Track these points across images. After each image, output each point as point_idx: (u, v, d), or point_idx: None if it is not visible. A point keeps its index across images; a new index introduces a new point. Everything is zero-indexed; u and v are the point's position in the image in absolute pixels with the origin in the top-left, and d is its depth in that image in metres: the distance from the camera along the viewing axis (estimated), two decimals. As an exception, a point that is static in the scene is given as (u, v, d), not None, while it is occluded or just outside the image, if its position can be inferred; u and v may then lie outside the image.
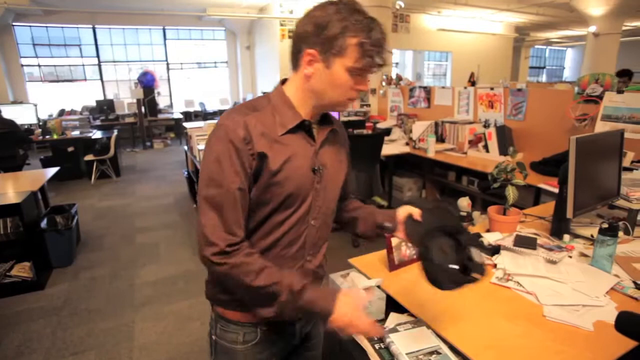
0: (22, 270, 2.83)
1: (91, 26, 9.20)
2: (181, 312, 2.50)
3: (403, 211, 1.01)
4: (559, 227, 1.55)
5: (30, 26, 8.77)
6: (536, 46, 16.12)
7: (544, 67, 17.22)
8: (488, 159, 3.36)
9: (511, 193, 1.52)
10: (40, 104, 7.67)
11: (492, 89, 3.69)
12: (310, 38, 0.82)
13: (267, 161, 0.84)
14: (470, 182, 3.62)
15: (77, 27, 9.14)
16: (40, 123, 6.16)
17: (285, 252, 0.93)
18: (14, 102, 8.03)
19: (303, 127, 0.89)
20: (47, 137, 5.66)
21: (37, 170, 3.82)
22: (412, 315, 1.14)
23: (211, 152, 0.83)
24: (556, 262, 1.33)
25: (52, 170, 3.50)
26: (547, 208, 1.88)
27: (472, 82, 5.88)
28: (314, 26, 0.81)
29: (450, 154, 3.67)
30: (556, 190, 2.37)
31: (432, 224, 0.92)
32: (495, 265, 1.36)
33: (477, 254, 0.87)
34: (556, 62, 17.64)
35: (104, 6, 8.40)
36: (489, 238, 1.51)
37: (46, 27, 8.91)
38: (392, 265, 1.38)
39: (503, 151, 3.27)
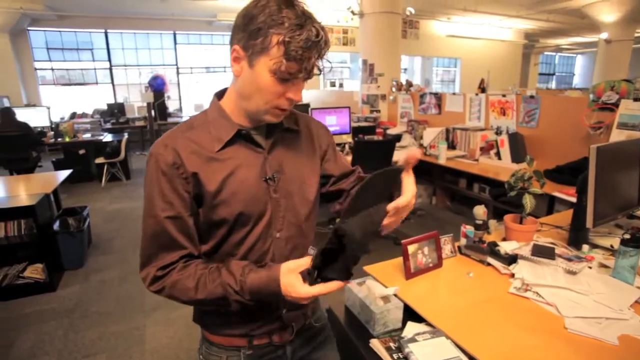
0: (34, 271, 2.85)
1: (103, 30, 9.34)
2: (190, 317, 2.48)
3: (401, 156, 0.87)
4: (577, 237, 1.53)
5: (44, 31, 8.93)
6: (546, 53, 16.04)
7: (553, 74, 17.13)
8: (500, 166, 3.33)
9: (528, 202, 1.50)
10: (52, 106, 7.77)
11: (504, 95, 3.66)
12: (238, 32, 0.74)
13: (202, 182, 0.79)
14: (482, 190, 3.59)
15: (90, 32, 9.29)
16: (53, 126, 6.24)
17: None
18: (28, 105, 8.16)
19: (242, 137, 0.82)
20: (59, 139, 5.74)
21: (49, 173, 3.86)
22: (429, 324, 1.13)
23: (145, 182, 0.81)
24: (576, 272, 1.30)
25: (64, 173, 3.54)
26: (563, 217, 1.86)
27: (482, 89, 5.86)
28: (242, 18, 0.73)
29: (462, 161, 3.64)
30: (571, 199, 2.35)
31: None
32: (512, 275, 1.35)
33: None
34: (566, 69, 17.54)
35: (116, 11, 8.54)
36: (506, 247, 1.49)
37: (60, 31, 9.07)
38: (409, 273, 1.37)
39: (515, 158, 3.24)
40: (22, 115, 5.57)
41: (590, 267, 1.37)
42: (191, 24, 9.77)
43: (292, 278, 0.74)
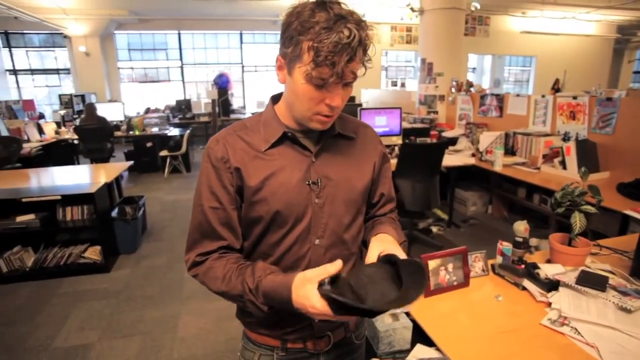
0: (93, 253, 3.13)
1: (177, 32, 10.03)
2: (222, 310, 2.55)
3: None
4: (641, 266, 1.29)
5: (127, 33, 9.83)
6: (644, 48, 14.10)
7: (652, 73, 15.00)
8: (565, 176, 2.95)
9: (578, 221, 1.29)
10: (131, 102, 8.45)
11: (575, 98, 3.25)
12: (280, 41, 0.75)
13: (244, 177, 0.81)
14: (543, 201, 3.24)
15: (165, 33, 10.03)
16: (127, 120, 6.83)
17: None
18: (110, 101, 9.05)
19: (288, 138, 0.83)
20: (131, 132, 6.26)
21: (116, 163, 4.22)
22: (440, 350, 1.02)
23: (199, 173, 0.87)
24: (631, 310, 1.09)
25: (125, 164, 3.85)
26: (632, 240, 1.58)
27: (556, 90, 5.31)
28: (282, 27, 0.74)
29: (521, 169, 3.30)
30: (646, 220, 2.00)
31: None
32: (549, 304, 1.17)
33: None
34: (669, 67, 15.26)
35: (188, 13, 9.11)
36: (547, 270, 1.30)
37: (140, 33, 9.92)
38: (427, 291, 1.25)
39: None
40: (102, 110, 6.18)
41: (652, 305, 1.14)
42: (257, 24, 10.09)
43: (308, 289, 0.68)
